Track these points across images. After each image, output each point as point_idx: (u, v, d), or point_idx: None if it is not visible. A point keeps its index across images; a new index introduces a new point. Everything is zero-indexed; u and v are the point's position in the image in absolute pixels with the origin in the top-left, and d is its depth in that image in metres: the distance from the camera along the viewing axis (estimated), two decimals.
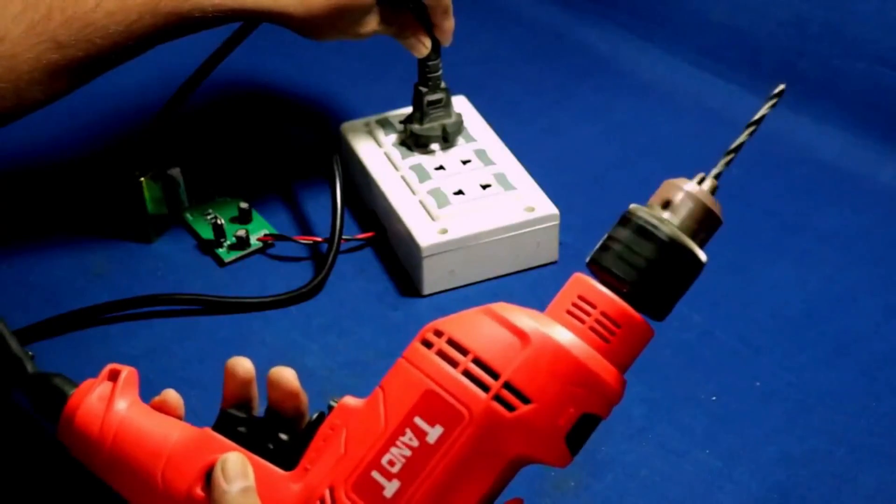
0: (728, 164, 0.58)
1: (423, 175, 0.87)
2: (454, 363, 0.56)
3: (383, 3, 0.83)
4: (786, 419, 0.76)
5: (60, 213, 0.91)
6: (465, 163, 0.88)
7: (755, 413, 0.77)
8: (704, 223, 0.57)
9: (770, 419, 0.76)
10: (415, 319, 0.83)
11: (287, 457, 0.59)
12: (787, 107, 0.98)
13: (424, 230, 0.84)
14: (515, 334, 0.55)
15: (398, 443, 0.56)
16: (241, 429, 0.60)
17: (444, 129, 0.89)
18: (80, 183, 0.93)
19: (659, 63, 1.04)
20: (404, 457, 0.55)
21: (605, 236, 0.57)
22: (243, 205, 0.90)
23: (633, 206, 0.57)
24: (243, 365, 0.62)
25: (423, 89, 0.89)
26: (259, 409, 0.63)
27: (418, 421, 0.55)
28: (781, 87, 0.60)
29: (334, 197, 0.87)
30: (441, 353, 0.56)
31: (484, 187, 0.86)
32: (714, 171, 0.58)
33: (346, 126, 0.93)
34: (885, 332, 0.82)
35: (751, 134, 0.59)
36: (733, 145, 0.58)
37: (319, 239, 0.88)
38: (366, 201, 0.91)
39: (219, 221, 0.88)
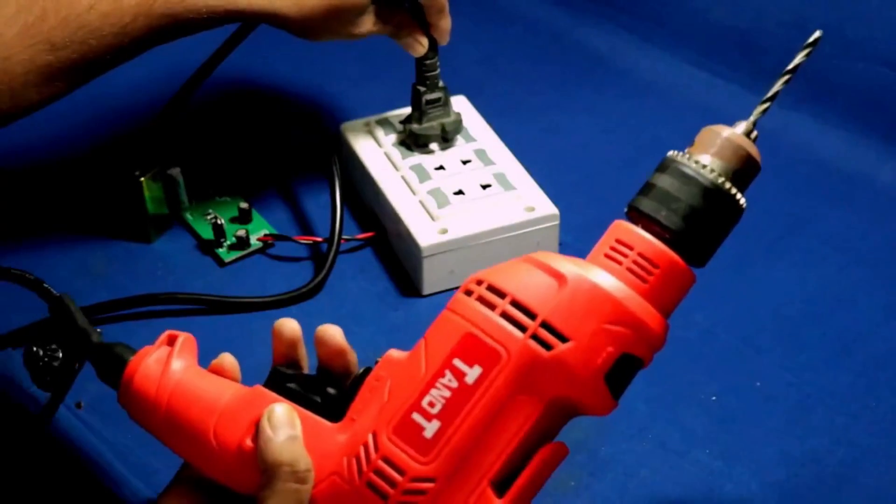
0: (764, 111, 0.59)
1: (423, 175, 0.87)
2: (492, 306, 0.57)
3: (379, 3, 0.83)
4: (786, 419, 0.76)
5: (60, 212, 0.91)
6: (465, 163, 0.88)
7: (755, 413, 0.77)
8: (744, 169, 0.58)
9: (770, 419, 0.76)
10: (415, 319, 0.83)
11: (335, 410, 0.60)
12: (787, 107, 0.99)
13: (424, 230, 0.83)
14: (553, 276, 0.56)
15: (438, 384, 0.57)
16: (291, 385, 0.61)
17: (443, 128, 0.89)
18: (80, 183, 0.93)
19: (659, 63, 1.04)
20: (444, 398, 0.56)
21: (645, 183, 0.59)
22: (243, 205, 0.90)
23: (672, 152, 0.59)
24: (289, 325, 0.63)
25: (422, 88, 0.89)
26: (309, 369, 0.64)
27: (457, 363, 0.57)
28: (818, 34, 0.62)
29: (333, 197, 0.87)
30: (480, 299, 0.57)
31: (484, 187, 0.86)
32: (752, 119, 0.59)
33: (346, 126, 0.93)
34: (885, 332, 0.82)
35: (786, 82, 0.61)
36: (769, 94, 0.60)
37: (319, 239, 0.88)
38: (366, 201, 0.91)
39: (219, 221, 0.88)
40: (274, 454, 0.58)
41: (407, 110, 0.91)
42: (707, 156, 0.58)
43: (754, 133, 0.59)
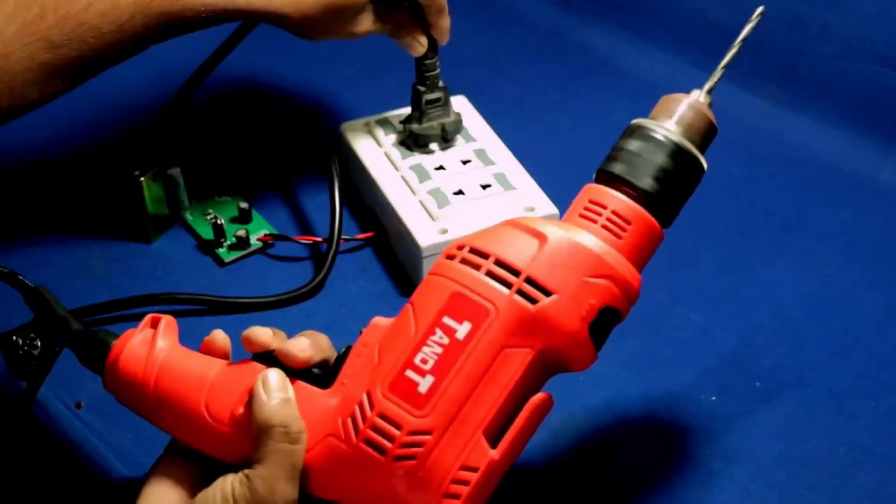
0: (718, 80, 0.64)
1: (423, 175, 0.87)
2: (477, 267, 0.60)
3: (378, 3, 0.83)
4: (786, 419, 0.76)
5: (60, 212, 0.91)
6: (465, 163, 0.88)
7: (755, 413, 0.77)
8: (705, 132, 0.63)
9: (770, 419, 0.76)
10: None
11: (323, 384, 0.61)
12: (788, 107, 0.99)
13: (424, 230, 0.83)
14: (534, 236, 0.60)
15: (429, 342, 0.59)
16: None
17: (443, 127, 0.89)
18: (80, 183, 0.93)
19: (659, 63, 1.04)
20: (436, 354, 0.58)
21: (612, 149, 0.63)
22: (243, 205, 0.90)
23: (636, 119, 0.63)
24: (261, 335, 0.64)
25: (422, 88, 0.89)
26: None
27: (447, 320, 0.59)
28: (761, 8, 0.69)
29: (333, 198, 0.87)
30: (464, 261, 0.60)
31: (484, 187, 0.86)
32: (707, 86, 0.64)
33: (346, 126, 0.93)
34: (885, 332, 0.81)
35: (736, 53, 0.67)
36: (724, 62, 0.66)
37: (319, 239, 0.88)
38: (366, 201, 0.91)
39: (219, 221, 0.88)
40: (267, 416, 0.59)
41: (407, 110, 0.91)
42: (670, 121, 0.62)
43: (709, 99, 0.64)
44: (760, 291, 0.85)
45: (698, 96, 0.64)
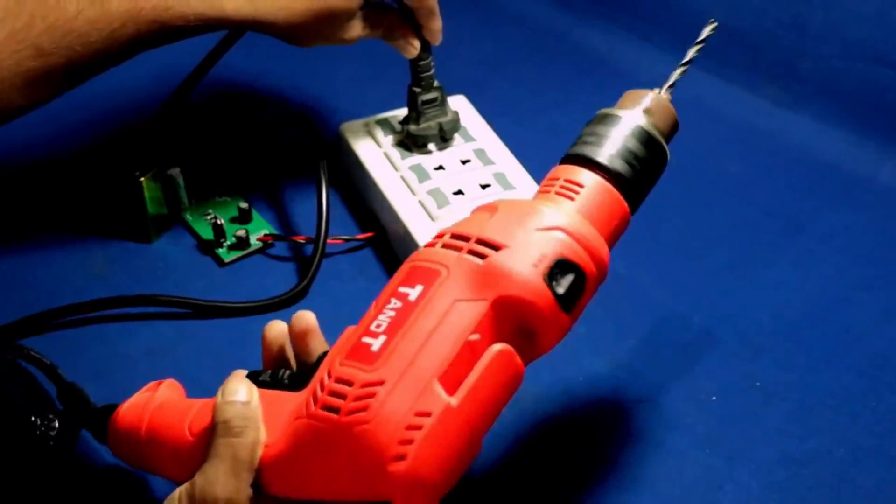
0: (682, 74, 0.67)
1: (422, 175, 0.87)
2: (433, 244, 0.61)
3: (368, 8, 0.83)
4: (786, 419, 0.76)
5: (60, 212, 0.91)
6: (464, 163, 0.88)
7: (755, 413, 0.77)
8: (670, 125, 0.65)
9: (770, 419, 0.76)
10: None
11: (299, 386, 0.62)
12: (787, 107, 0.99)
13: (424, 230, 0.83)
14: (487, 210, 0.62)
15: (384, 310, 0.59)
16: (262, 377, 0.64)
17: (440, 127, 0.89)
18: (80, 183, 0.93)
19: (659, 63, 1.04)
20: (389, 318, 0.59)
21: (580, 134, 0.64)
22: (243, 205, 0.90)
23: (603, 109, 0.65)
24: (275, 329, 0.67)
25: (417, 89, 0.89)
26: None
27: (401, 289, 0.60)
28: (713, 23, 0.72)
29: (320, 202, 0.87)
30: (426, 245, 0.62)
31: (483, 187, 0.86)
32: (668, 84, 0.66)
33: (346, 126, 0.93)
34: (885, 332, 0.81)
35: (698, 51, 0.70)
36: (685, 59, 0.68)
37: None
38: (365, 201, 0.91)
39: (219, 221, 0.88)
40: (215, 414, 0.61)
41: (406, 110, 0.91)
42: (636, 110, 0.64)
43: (670, 95, 0.66)
44: (760, 291, 0.85)
45: (661, 91, 0.66)
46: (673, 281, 0.85)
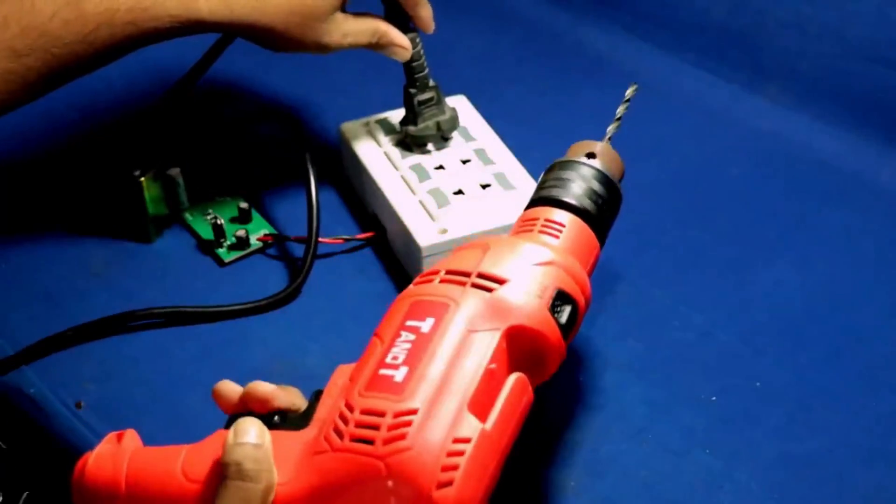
0: (616, 129, 0.73)
1: (422, 175, 0.87)
2: (430, 281, 0.63)
3: (349, 15, 0.82)
4: (786, 419, 0.76)
5: (60, 212, 0.91)
6: (464, 162, 0.88)
7: (755, 413, 0.77)
8: (619, 168, 0.71)
9: (770, 419, 0.76)
10: None
11: (299, 427, 0.60)
12: (787, 107, 0.99)
13: (424, 230, 0.83)
14: (477, 247, 0.64)
15: (397, 343, 0.60)
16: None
17: (438, 126, 0.89)
18: (79, 182, 0.93)
19: (659, 63, 1.04)
20: (405, 350, 0.59)
21: (541, 181, 0.69)
22: (243, 205, 0.90)
23: (558, 159, 0.70)
24: (226, 388, 0.64)
25: (413, 90, 0.88)
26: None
27: (410, 323, 0.60)
28: (634, 86, 0.77)
29: (309, 198, 0.87)
30: (416, 283, 0.63)
31: (484, 187, 0.86)
32: (607, 136, 0.72)
33: (346, 126, 0.93)
34: (885, 332, 0.81)
35: (625, 109, 0.75)
36: (617, 115, 0.74)
37: (319, 239, 0.87)
38: (366, 201, 0.91)
39: (219, 221, 0.88)
40: (226, 457, 0.58)
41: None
42: (592, 158, 0.69)
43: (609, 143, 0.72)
44: (760, 291, 0.85)
45: (605, 140, 0.72)
46: (673, 281, 0.85)
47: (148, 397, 0.78)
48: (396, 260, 0.87)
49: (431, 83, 0.89)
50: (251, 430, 0.59)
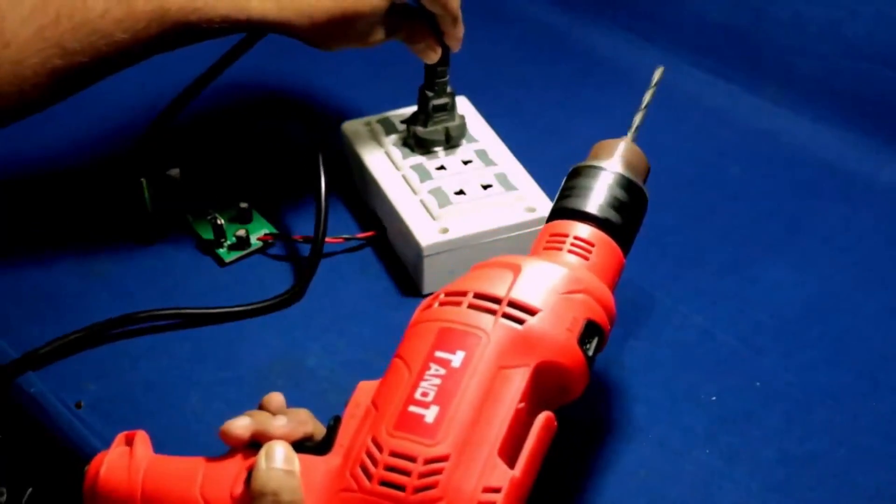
0: (642, 119, 0.70)
1: (424, 175, 0.87)
2: (458, 304, 0.61)
3: (391, 13, 0.83)
4: (786, 419, 0.76)
5: (61, 213, 0.91)
6: (466, 163, 0.88)
7: (755, 413, 0.77)
8: (644, 168, 0.68)
9: (770, 419, 0.76)
10: None
11: (321, 452, 0.60)
12: (787, 107, 0.99)
13: (425, 230, 0.83)
14: (506, 267, 0.62)
15: (426, 376, 0.58)
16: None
17: (447, 131, 0.89)
18: (80, 183, 0.93)
19: (659, 63, 1.04)
20: (435, 386, 0.58)
21: (563, 188, 0.67)
22: (243, 205, 0.90)
23: (579, 163, 0.68)
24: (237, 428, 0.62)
25: (430, 93, 0.88)
26: None
27: (440, 354, 0.59)
28: (661, 68, 0.75)
29: (318, 199, 0.87)
30: (443, 303, 0.61)
31: (485, 187, 0.86)
32: (632, 129, 0.69)
33: (347, 126, 0.93)
34: (885, 332, 0.82)
35: (652, 95, 0.73)
36: (643, 104, 0.72)
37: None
38: (366, 201, 0.91)
39: (219, 221, 0.88)
40: (261, 484, 0.58)
41: (408, 110, 0.91)
42: (614, 160, 0.67)
43: (635, 137, 0.69)
44: (760, 291, 0.85)
45: (628, 138, 0.69)
46: (673, 281, 0.85)
47: (148, 397, 0.78)
48: (397, 259, 0.87)
49: (449, 90, 0.88)
50: (282, 455, 0.59)
